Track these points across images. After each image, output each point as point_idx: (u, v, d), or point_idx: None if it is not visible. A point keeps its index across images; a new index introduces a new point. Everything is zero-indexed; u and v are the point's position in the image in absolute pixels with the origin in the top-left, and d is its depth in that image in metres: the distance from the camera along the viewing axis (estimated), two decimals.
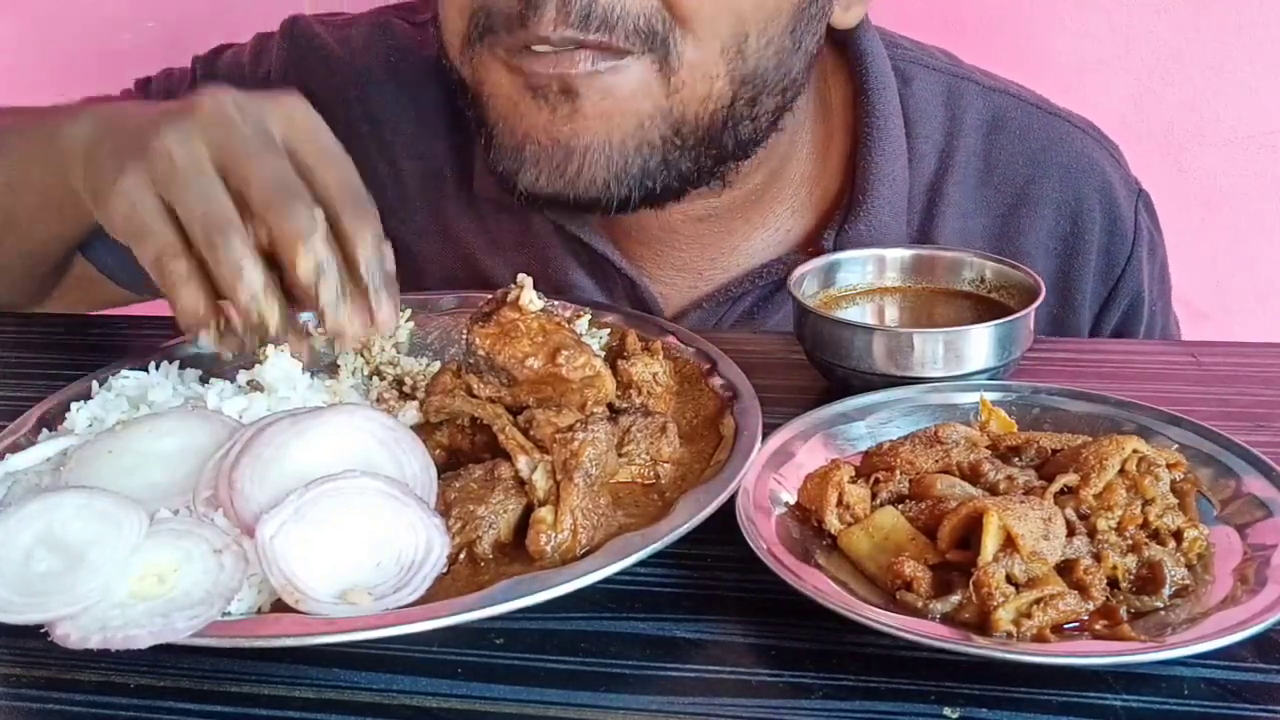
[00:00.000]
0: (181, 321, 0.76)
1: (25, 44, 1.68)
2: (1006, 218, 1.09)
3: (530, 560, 0.65)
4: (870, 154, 1.05)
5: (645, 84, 0.89)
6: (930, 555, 0.63)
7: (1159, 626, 0.59)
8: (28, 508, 0.63)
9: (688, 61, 0.89)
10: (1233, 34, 1.45)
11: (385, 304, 0.74)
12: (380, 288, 0.74)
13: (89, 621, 0.57)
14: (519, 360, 0.72)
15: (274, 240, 0.73)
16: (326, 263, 0.72)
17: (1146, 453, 0.67)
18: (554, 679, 0.60)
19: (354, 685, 0.60)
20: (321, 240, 0.73)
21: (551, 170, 0.91)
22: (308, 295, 0.73)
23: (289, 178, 0.74)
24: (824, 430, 0.75)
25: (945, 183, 1.08)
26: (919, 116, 1.08)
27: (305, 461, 0.66)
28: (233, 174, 0.74)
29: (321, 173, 0.76)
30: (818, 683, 0.59)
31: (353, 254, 0.74)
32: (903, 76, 1.09)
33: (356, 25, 1.17)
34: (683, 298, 1.09)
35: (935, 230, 1.08)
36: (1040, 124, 1.10)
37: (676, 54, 0.89)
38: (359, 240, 0.74)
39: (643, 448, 0.72)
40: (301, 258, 0.72)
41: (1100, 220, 1.09)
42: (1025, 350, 0.84)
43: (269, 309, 0.73)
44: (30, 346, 1.02)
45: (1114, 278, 1.11)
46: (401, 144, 1.12)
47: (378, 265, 0.74)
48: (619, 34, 0.86)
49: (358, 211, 0.75)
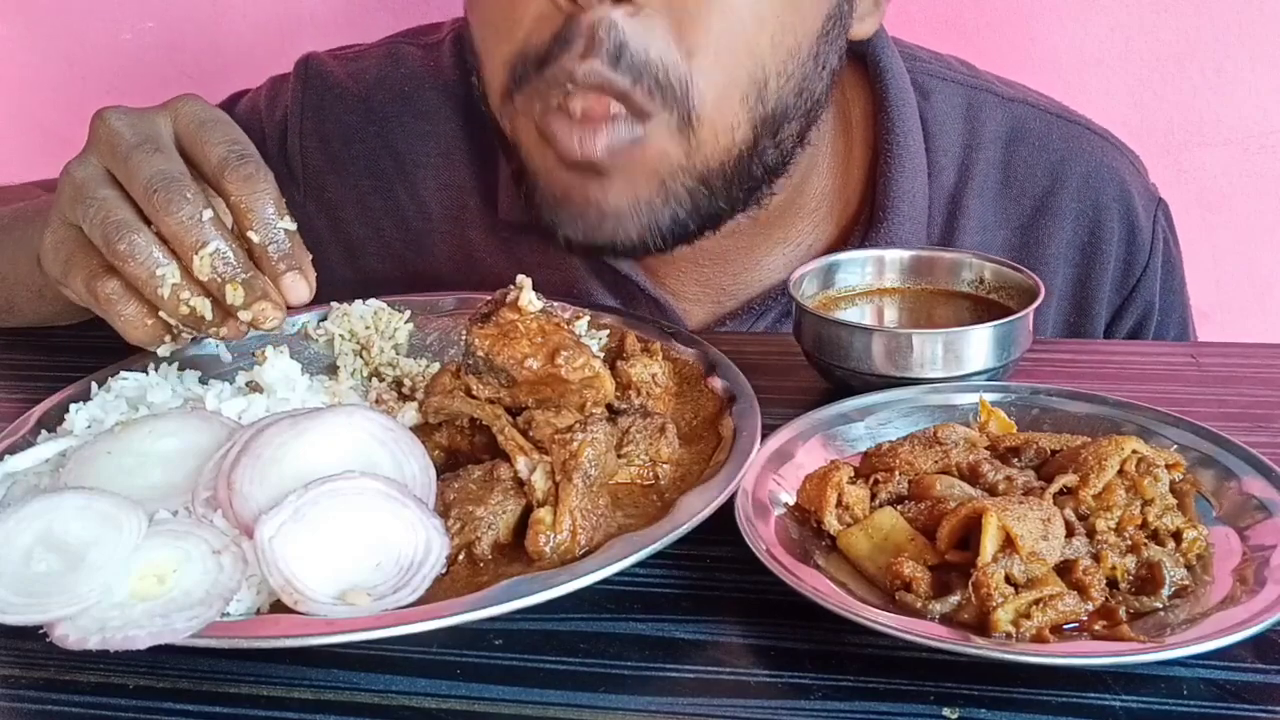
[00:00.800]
0: (133, 340, 0.77)
1: (25, 44, 1.68)
2: (1027, 228, 1.09)
3: (529, 561, 0.65)
4: (890, 169, 1.04)
5: (665, 147, 0.89)
6: (929, 556, 0.63)
7: (1158, 627, 0.59)
8: (27, 508, 0.63)
9: (707, 118, 0.88)
10: (1233, 34, 1.45)
11: (294, 281, 0.74)
12: (285, 265, 0.74)
13: (88, 622, 0.57)
14: (518, 361, 0.72)
15: (166, 237, 0.73)
16: (221, 251, 0.72)
17: (1146, 453, 0.67)
18: (553, 680, 0.60)
19: (353, 686, 0.60)
20: (209, 228, 0.72)
21: (589, 227, 0.92)
22: (212, 290, 0.73)
23: (165, 169, 0.74)
24: (823, 431, 0.75)
25: (965, 196, 1.08)
26: (938, 130, 1.08)
27: (304, 462, 0.66)
28: (121, 179, 0.75)
29: (203, 148, 0.76)
30: (817, 683, 0.59)
31: (249, 233, 0.74)
32: (921, 90, 1.08)
33: (367, 56, 1.17)
34: (707, 314, 1.10)
35: (956, 243, 1.07)
36: (1060, 133, 1.10)
37: (696, 113, 0.87)
38: (252, 215, 0.74)
39: (642, 449, 0.72)
40: (195, 257, 0.72)
41: (1119, 230, 1.09)
42: (1024, 351, 0.84)
43: (198, 300, 0.73)
44: (29, 348, 1.02)
45: (1129, 287, 1.11)
46: (423, 174, 1.13)
47: (281, 240, 0.74)
48: (644, 84, 0.85)
49: (245, 184, 0.74)
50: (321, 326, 0.93)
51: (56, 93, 1.69)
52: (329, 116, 1.14)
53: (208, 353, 0.90)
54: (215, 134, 0.76)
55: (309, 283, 0.75)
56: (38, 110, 1.70)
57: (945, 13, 1.47)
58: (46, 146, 1.70)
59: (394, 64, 1.16)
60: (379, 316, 0.92)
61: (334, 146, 1.14)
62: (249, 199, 0.74)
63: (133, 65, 1.65)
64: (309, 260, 0.76)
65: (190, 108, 0.79)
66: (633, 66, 0.84)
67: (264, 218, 0.74)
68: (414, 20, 1.28)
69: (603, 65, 0.84)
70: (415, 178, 1.13)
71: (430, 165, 1.13)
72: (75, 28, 1.65)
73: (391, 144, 1.14)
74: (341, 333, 0.90)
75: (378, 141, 1.14)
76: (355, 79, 1.16)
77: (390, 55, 1.17)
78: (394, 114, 1.14)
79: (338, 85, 1.16)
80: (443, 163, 1.13)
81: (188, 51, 1.63)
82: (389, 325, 0.91)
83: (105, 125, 0.77)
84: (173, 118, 0.78)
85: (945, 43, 1.20)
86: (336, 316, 0.92)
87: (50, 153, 1.68)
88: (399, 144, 1.14)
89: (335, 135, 1.14)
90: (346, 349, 0.89)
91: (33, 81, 1.69)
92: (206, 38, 1.63)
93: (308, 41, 1.57)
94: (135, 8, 1.63)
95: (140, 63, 1.64)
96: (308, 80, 1.16)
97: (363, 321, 0.91)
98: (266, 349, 0.78)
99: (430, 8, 1.54)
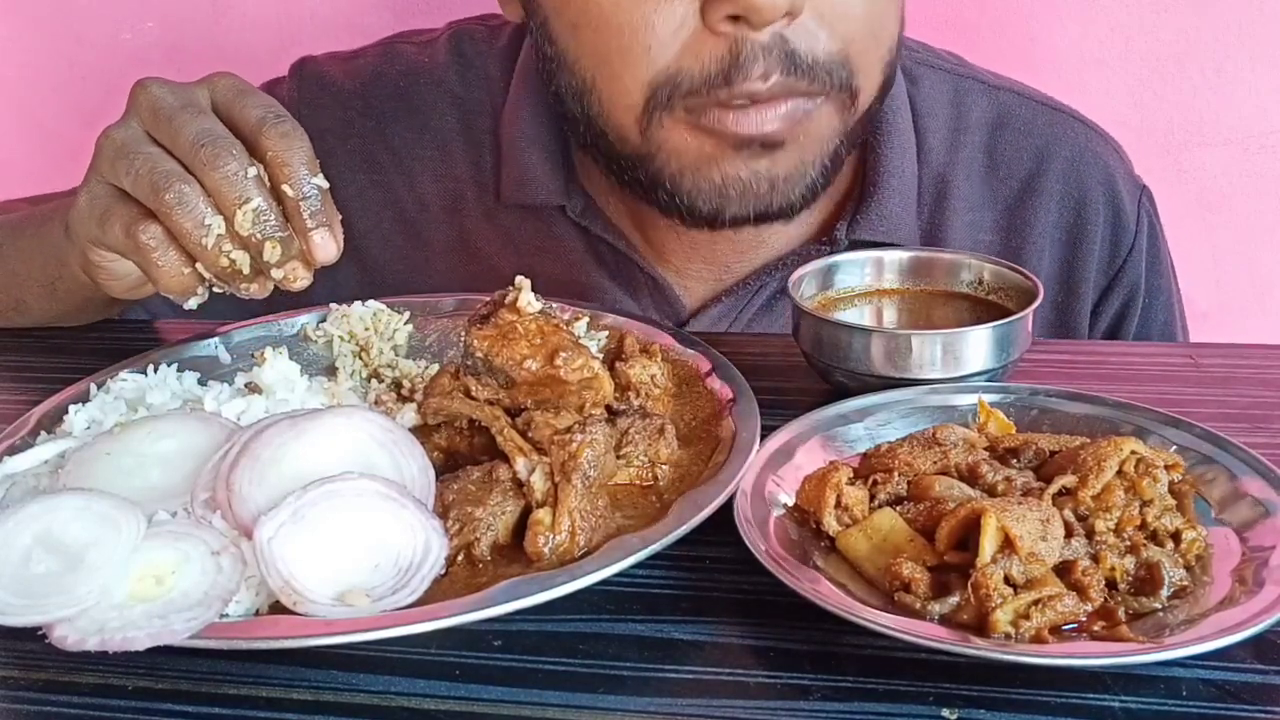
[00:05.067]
0: (167, 290, 0.78)
1: (25, 44, 1.68)
2: (1014, 209, 1.12)
3: (528, 562, 0.65)
4: (880, 146, 1.08)
5: (833, 117, 0.96)
6: (928, 556, 0.63)
7: (1157, 627, 0.59)
8: (26, 510, 0.63)
9: (863, 89, 0.96)
10: (1233, 34, 1.45)
11: (323, 237, 0.76)
12: (315, 222, 0.76)
13: (87, 623, 0.57)
14: (517, 362, 0.72)
15: (210, 192, 0.75)
16: (262, 208, 0.74)
17: (1145, 454, 0.67)
18: (552, 681, 0.60)
19: (352, 687, 0.60)
20: (253, 184, 0.74)
21: (756, 199, 0.97)
22: (250, 245, 0.75)
23: (211, 127, 0.76)
24: (822, 432, 0.75)
25: (953, 176, 1.11)
26: (926, 113, 1.11)
27: (303, 463, 0.66)
28: (164, 139, 0.77)
29: (242, 111, 0.78)
30: (816, 684, 0.59)
31: (284, 186, 0.75)
32: (910, 77, 1.12)
33: (362, 56, 1.20)
34: (707, 291, 1.11)
35: (946, 222, 1.11)
36: (1044, 119, 1.14)
37: (858, 87, 0.95)
38: (288, 169, 0.75)
39: (641, 449, 0.72)
40: (238, 211, 0.74)
41: (1104, 212, 1.12)
42: (1023, 352, 0.84)
43: (238, 254, 0.75)
44: (28, 349, 1.02)
45: (1115, 269, 1.13)
46: (420, 167, 1.15)
47: (314, 195, 0.76)
48: (819, 77, 0.92)
49: (282, 140, 0.76)
50: (320, 328, 0.93)
51: (56, 93, 1.69)
52: (324, 113, 1.15)
53: (206, 354, 0.90)
54: (252, 99, 0.79)
55: (337, 241, 0.77)
56: (38, 110, 1.70)
57: (945, 13, 1.48)
58: (46, 146, 1.70)
59: (389, 61, 1.18)
60: (378, 318, 0.92)
61: (329, 142, 1.15)
62: (286, 153, 0.76)
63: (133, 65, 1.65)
64: (338, 220, 0.77)
65: (227, 80, 0.81)
66: (808, 69, 0.91)
67: (299, 173, 0.76)
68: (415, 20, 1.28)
69: (782, 77, 0.90)
70: (413, 171, 1.15)
71: (427, 158, 1.15)
72: (75, 28, 1.65)
73: (388, 138, 1.15)
74: (341, 334, 0.90)
75: (374, 136, 1.16)
76: (351, 76, 1.18)
77: (385, 53, 1.19)
78: (390, 109, 1.16)
79: (333, 83, 1.17)
80: (439, 155, 1.15)
81: (188, 51, 1.63)
82: (388, 326, 0.91)
83: (147, 92, 0.80)
84: (210, 89, 0.81)
85: (945, 42, 1.21)
86: (336, 318, 0.92)
87: (50, 153, 1.69)
88: (395, 138, 1.15)
89: (331, 131, 1.15)
90: (346, 350, 0.89)
91: (33, 81, 1.69)
92: (206, 38, 1.63)
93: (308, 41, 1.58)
94: (135, 8, 1.63)
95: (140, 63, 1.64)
96: (302, 80, 1.18)
97: (362, 323, 0.91)
98: (266, 350, 0.79)
99: (431, 7, 1.54)
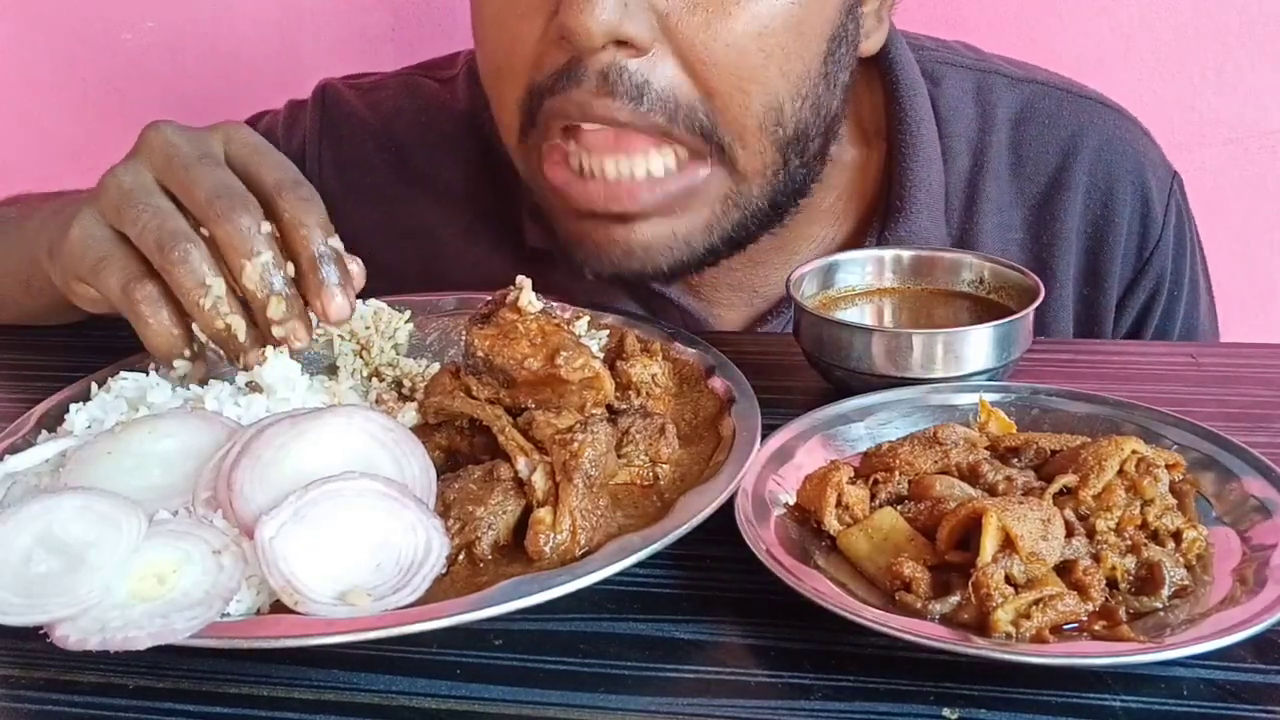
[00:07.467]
0: (154, 349, 0.77)
1: (25, 45, 1.68)
2: (1042, 206, 1.10)
3: (529, 561, 0.65)
4: (905, 160, 1.06)
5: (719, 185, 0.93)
6: (929, 556, 0.63)
7: (1158, 627, 0.59)
8: (27, 509, 0.63)
9: (739, 150, 0.91)
10: (1233, 34, 1.45)
11: (337, 296, 0.76)
12: (331, 281, 0.75)
13: (88, 623, 0.57)
14: (518, 361, 0.72)
15: (219, 245, 0.74)
16: (271, 264, 0.74)
17: (1145, 453, 0.67)
18: (553, 680, 0.60)
19: (353, 686, 0.60)
20: (265, 240, 0.74)
21: (616, 260, 0.95)
22: (254, 300, 0.75)
23: (229, 181, 0.76)
24: (823, 431, 0.75)
25: (981, 179, 1.09)
26: (951, 115, 1.09)
27: (304, 463, 0.66)
28: (176, 189, 0.76)
29: (259, 170, 0.77)
30: (816, 683, 0.59)
31: (298, 247, 0.75)
32: (932, 78, 1.10)
33: (385, 88, 1.19)
34: (740, 318, 1.11)
35: (975, 226, 1.09)
36: (1070, 109, 1.11)
37: (728, 146, 0.91)
38: (304, 231, 0.75)
39: (642, 449, 0.72)
40: (247, 264, 0.73)
41: (1131, 202, 1.10)
42: (1024, 351, 0.84)
43: (234, 318, 0.74)
44: (29, 348, 1.02)
45: (1142, 261, 1.11)
46: (444, 204, 1.14)
47: (328, 256, 0.76)
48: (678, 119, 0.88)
49: (300, 203, 0.76)
50: (321, 326, 0.92)
51: (56, 93, 1.69)
52: (346, 145, 1.15)
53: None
54: (270, 158, 0.79)
55: (351, 302, 0.77)
56: (38, 110, 1.70)
57: (945, 13, 1.48)
58: (46, 146, 1.71)
59: (410, 96, 1.18)
60: (379, 316, 0.92)
61: (351, 175, 1.15)
62: (304, 216, 0.75)
63: (133, 65, 1.65)
64: (351, 282, 0.77)
65: (242, 133, 0.81)
66: (663, 103, 0.87)
67: (315, 234, 0.76)
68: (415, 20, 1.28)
69: (630, 105, 0.86)
70: (436, 208, 1.14)
71: (451, 196, 1.14)
72: (75, 28, 1.65)
73: (410, 175, 1.15)
74: (341, 333, 0.90)
75: (396, 172, 1.15)
76: (373, 109, 1.17)
77: (407, 88, 1.19)
78: (412, 145, 1.15)
79: (355, 115, 1.17)
80: (464, 193, 1.14)
81: (188, 51, 1.63)
82: (389, 325, 0.91)
83: (161, 136, 0.78)
84: (224, 140, 0.80)
85: None
86: None
87: (49, 153, 1.69)
88: (418, 175, 1.15)
89: (353, 164, 1.15)
90: (346, 349, 0.89)
91: (33, 81, 1.69)
92: (206, 38, 1.63)
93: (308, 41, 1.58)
94: (135, 8, 1.63)
95: (140, 63, 1.64)
96: (325, 108, 1.18)
97: (362, 322, 0.91)
98: (266, 349, 0.78)
99: (431, 8, 1.54)
